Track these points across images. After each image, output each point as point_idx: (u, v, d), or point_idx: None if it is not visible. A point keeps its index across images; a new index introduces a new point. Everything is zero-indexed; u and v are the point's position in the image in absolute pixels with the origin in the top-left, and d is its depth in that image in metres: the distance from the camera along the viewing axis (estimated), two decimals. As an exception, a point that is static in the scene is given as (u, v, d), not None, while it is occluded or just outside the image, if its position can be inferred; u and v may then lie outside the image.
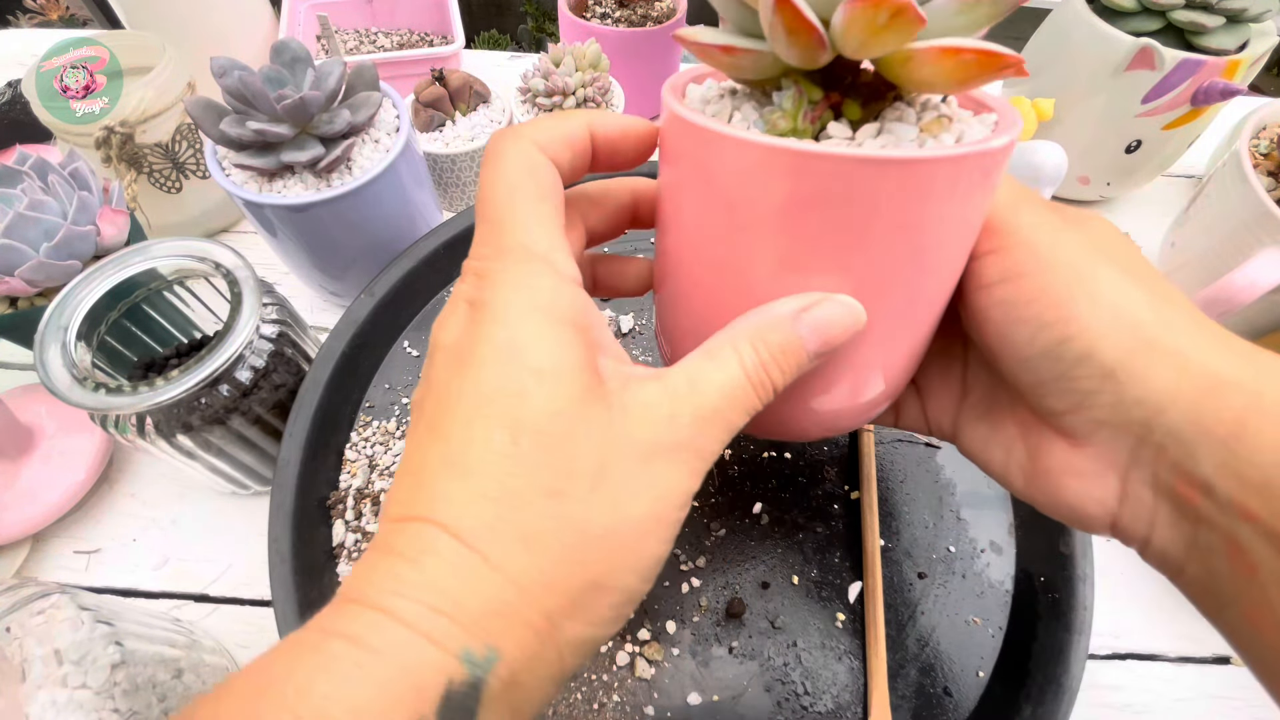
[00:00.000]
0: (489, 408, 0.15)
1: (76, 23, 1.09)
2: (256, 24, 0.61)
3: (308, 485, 0.34)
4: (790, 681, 0.31)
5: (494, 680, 0.14)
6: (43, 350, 0.30)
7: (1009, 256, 0.18)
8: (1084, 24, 0.46)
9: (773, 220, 0.16)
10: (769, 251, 0.17)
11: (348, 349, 0.37)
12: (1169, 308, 0.17)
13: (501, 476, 0.14)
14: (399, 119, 0.42)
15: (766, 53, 0.17)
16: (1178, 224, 0.49)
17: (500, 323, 0.16)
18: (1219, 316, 0.41)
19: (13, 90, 0.58)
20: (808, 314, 0.17)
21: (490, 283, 0.16)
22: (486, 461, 0.15)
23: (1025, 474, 0.20)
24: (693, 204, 0.18)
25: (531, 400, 0.15)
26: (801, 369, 0.17)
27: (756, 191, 0.16)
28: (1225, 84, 0.43)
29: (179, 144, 0.48)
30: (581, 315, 0.17)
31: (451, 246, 0.42)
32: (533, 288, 0.16)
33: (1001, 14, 0.15)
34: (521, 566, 0.14)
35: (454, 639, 0.13)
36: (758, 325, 0.17)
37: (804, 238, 0.16)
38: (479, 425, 0.15)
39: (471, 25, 0.59)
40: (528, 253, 0.16)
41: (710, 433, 0.16)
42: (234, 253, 0.34)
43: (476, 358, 0.15)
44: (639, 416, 0.16)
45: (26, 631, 0.26)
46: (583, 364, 0.16)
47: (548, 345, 0.15)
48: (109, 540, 0.40)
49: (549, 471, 0.15)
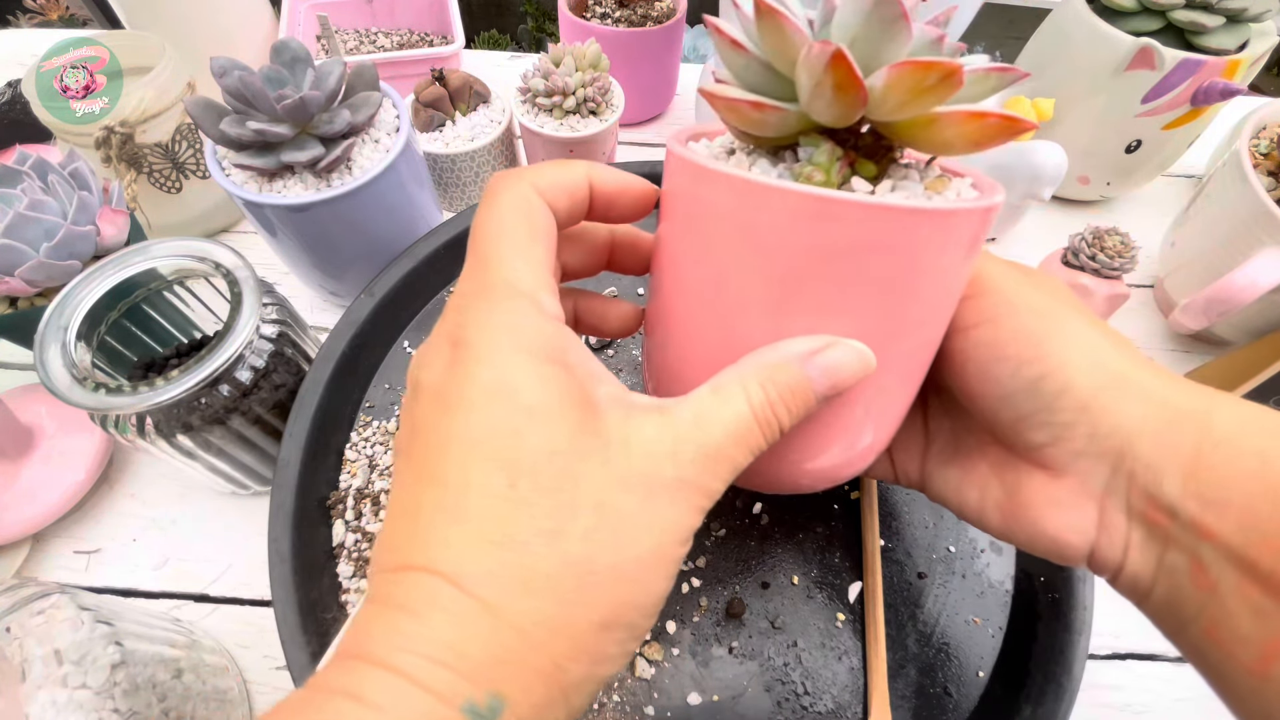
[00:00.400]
0: (483, 449, 0.15)
1: (76, 23, 1.09)
2: (256, 24, 0.61)
3: (308, 485, 0.34)
4: (790, 681, 0.31)
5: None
6: (43, 350, 0.30)
7: (985, 301, 0.19)
8: (1084, 24, 0.46)
9: (800, 268, 0.17)
10: (788, 299, 0.17)
11: (348, 349, 0.37)
12: (1126, 348, 0.19)
13: (500, 520, 0.14)
14: (399, 119, 0.42)
15: (793, 111, 0.17)
16: (1178, 224, 0.49)
17: (485, 363, 0.15)
18: (1219, 316, 0.41)
19: (13, 90, 0.58)
20: (819, 357, 0.17)
21: (473, 321, 0.16)
22: (484, 505, 0.14)
23: (1003, 510, 0.21)
24: (709, 252, 0.18)
25: (526, 440, 0.15)
26: (808, 411, 0.17)
27: (791, 239, 0.16)
28: (1225, 84, 0.43)
29: (179, 144, 0.48)
30: (567, 353, 0.16)
31: (451, 246, 0.42)
32: (517, 326, 0.16)
33: (1004, 86, 0.17)
34: (524, 611, 0.14)
35: (456, 691, 0.13)
36: (767, 364, 0.17)
37: (828, 285, 0.17)
38: (475, 468, 0.15)
39: (471, 25, 0.59)
40: (512, 290, 0.16)
41: (715, 471, 0.16)
42: (234, 253, 0.34)
43: (465, 399, 0.15)
44: (640, 451, 0.16)
45: (26, 631, 0.26)
46: (574, 400, 0.16)
47: (536, 384, 0.15)
48: (109, 540, 0.40)
49: (548, 512, 0.14)
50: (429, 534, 0.15)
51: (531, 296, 0.16)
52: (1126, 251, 0.42)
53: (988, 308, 0.19)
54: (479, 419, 0.15)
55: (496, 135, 0.51)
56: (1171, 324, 0.46)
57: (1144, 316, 0.51)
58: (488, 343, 0.16)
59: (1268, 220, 0.40)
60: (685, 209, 0.19)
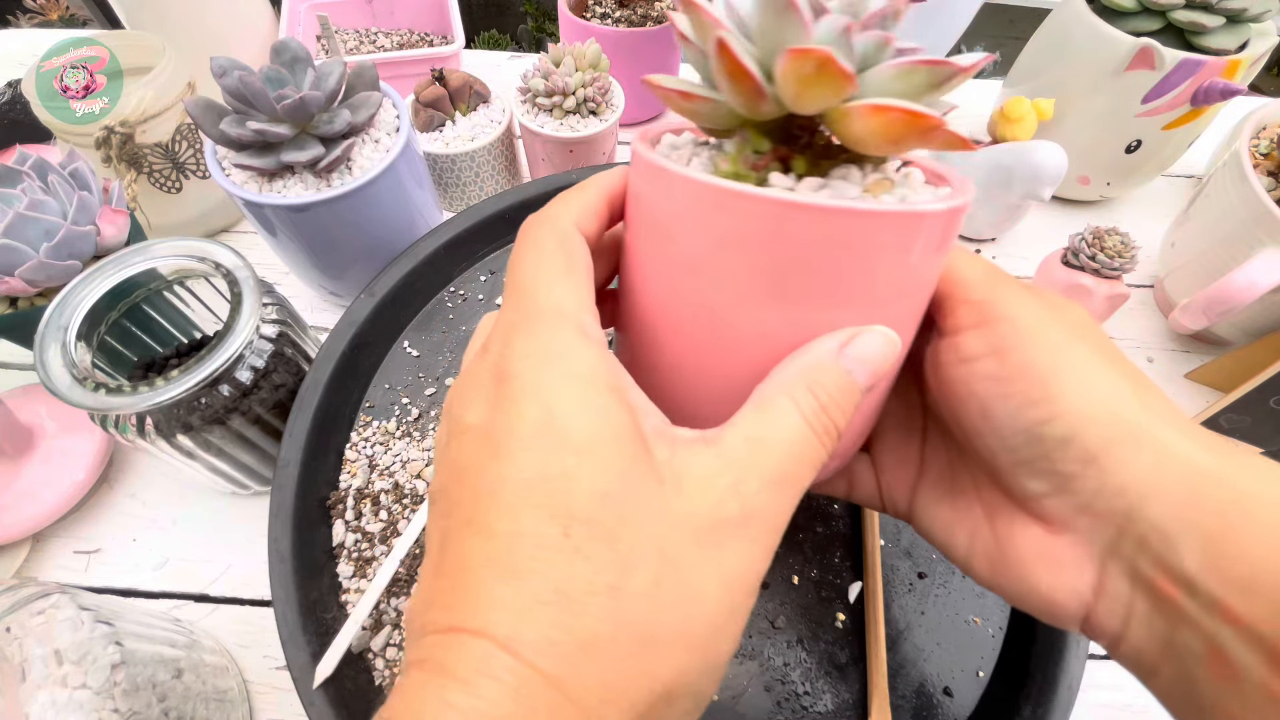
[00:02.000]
0: (533, 497, 0.14)
1: (76, 23, 1.09)
2: (256, 24, 0.61)
3: (308, 485, 0.34)
4: (790, 681, 0.31)
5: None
6: (43, 350, 0.30)
7: (993, 331, 0.18)
8: (1084, 24, 0.46)
9: (704, 257, 0.16)
10: (705, 289, 0.16)
11: (348, 349, 0.37)
12: (1147, 395, 0.17)
13: (555, 576, 0.13)
14: (399, 119, 0.42)
15: (722, 102, 0.17)
16: (1178, 224, 0.49)
17: (533, 397, 0.14)
18: (1219, 316, 0.41)
19: (13, 90, 0.58)
20: (850, 348, 0.16)
21: (519, 352, 0.15)
22: (537, 559, 0.13)
23: (992, 561, 0.19)
24: (639, 240, 0.18)
25: (578, 484, 0.14)
26: (856, 408, 0.17)
27: (693, 227, 0.16)
28: (1225, 84, 0.43)
29: (179, 144, 0.48)
30: (617, 377, 0.15)
31: (451, 246, 0.42)
32: (565, 354, 0.15)
33: (938, 83, 0.16)
34: (583, 681, 0.13)
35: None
36: (807, 369, 0.16)
37: (734, 277, 0.16)
38: (526, 516, 0.14)
39: (471, 25, 0.59)
40: (557, 315, 0.15)
41: (782, 500, 0.15)
42: (234, 253, 0.34)
43: (515, 439, 0.14)
44: (697, 490, 0.14)
45: (26, 631, 0.26)
46: (627, 433, 0.14)
47: (589, 417, 0.14)
48: (109, 540, 0.40)
49: (605, 565, 0.13)
50: (478, 592, 0.13)
51: (576, 320, 0.16)
52: (1126, 251, 0.42)
53: (995, 337, 0.18)
54: (528, 460, 0.14)
55: (496, 135, 0.51)
56: (1171, 324, 0.46)
57: (1144, 316, 0.51)
58: (534, 374, 0.15)
59: (1268, 220, 0.40)
60: (630, 198, 0.19)
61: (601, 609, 0.13)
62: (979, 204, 0.51)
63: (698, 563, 0.14)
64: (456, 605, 0.13)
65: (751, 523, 0.14)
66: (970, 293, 0.18)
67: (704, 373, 0.18)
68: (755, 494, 0.14)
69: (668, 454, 0.15)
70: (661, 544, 0.14)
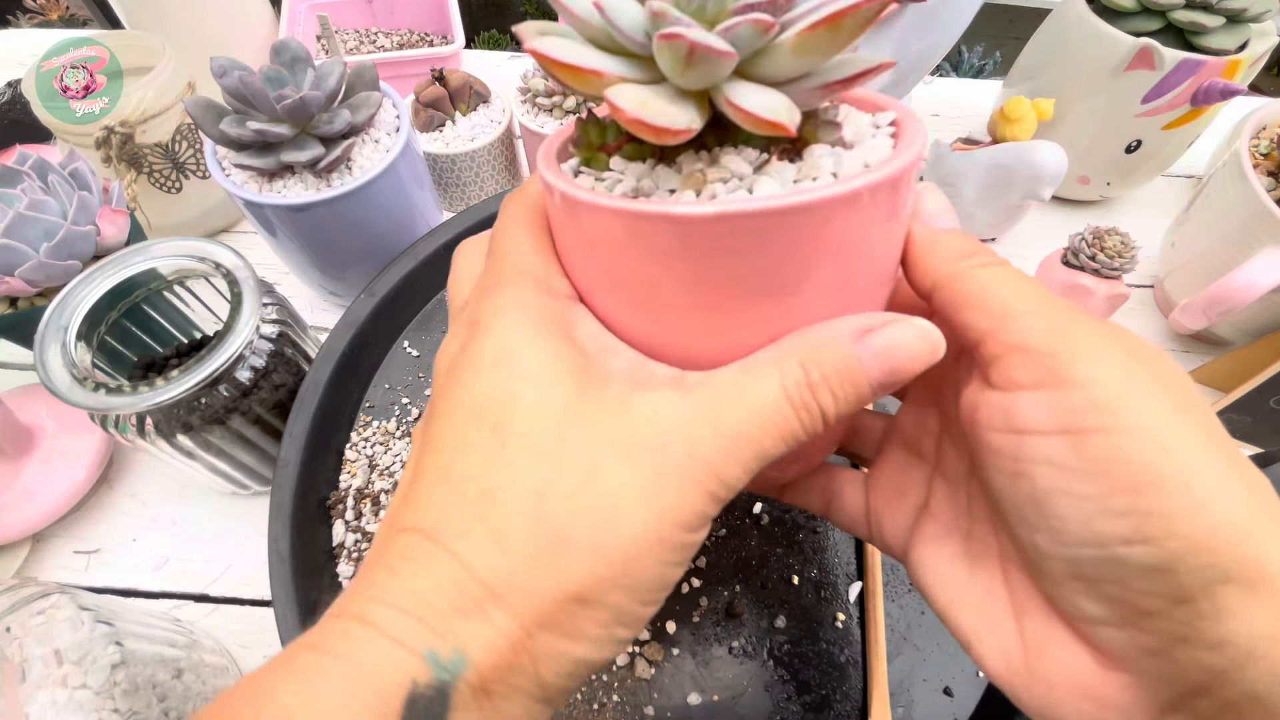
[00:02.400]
0: (479, 415, 0.15)
1: (76, 23, 1.09)
2: (256, 24, 0.61)
3: (308, 485, 0.34)
4: (790, 681, 0.31)
5: (463, 686, 0.13)
6: (43, 350, 0.30)
7: (1064, 400, 0.13)
8: (1084, 24, 0.46)
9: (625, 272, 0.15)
10: (637, 302, 0.16)
11: (348, 349, 0.37)
12: (1268, 510, 0.13)
13: (485, 480, 0.14)
14: (399, 119, 0.42)
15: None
16: (1178, 224, 0.49)
17: (493, 335, 0.15)
18: (1219, 316, 0.41)
19: (13, 90, 0.58)
20: (874, 336, 0.15)
21: (487, 306, 0.16)
22: (473, 467, 0.14)
23: (1010, 665, 0.16)
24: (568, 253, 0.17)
25: (521, 404, 0.14)
26: (861, 401, 0.15)
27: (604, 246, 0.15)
28: (1225, 84, 0.43)
29: (179, 144, 0.48)
30: (574, 325, 0.16)
31: (451, 246, 0.41)
32: (527, 305, 0.16)
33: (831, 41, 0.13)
34: (491, 565, 0.13)
35: (419, 639, 0.13)
36: (807, 344, 0.15)
37: (665, 291, 0.15)
38: (470, 433, 0.15)
39: (471, 25, 0.59)
40: (523, 274, 0.16)
41: (736, 456, 0.14)
42: (234, 253, 0.34)
43: (470, 369, 0.15)
44: (644, 419, 0.14)
45: (26, 631, 0.26)
46: (579, 370, 0.15)
47: (539, 353, 0.15)
48: (109, 540, 0.40)
49: (533, 472, 0.14)
50: (420, 496, 0.15)
51: (542, 279, 0.16)
52: (1126, 251, 0.42)
53: (1067, 412, 0.13)
54: (480, 385, 0.15)
55: (496, 135, 0.51)
56: (1171, 324, 0.46)
57: (1144, 316, 0.51)
58: (497, 320, 0.16)
59: (1268, 220, 0.40)
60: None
61: (520, 507, 0.14)
62: (979, 204, 0.51)
63: (625, 481, 0.14)
64: (402, 512, 0.15)
65: (694, 466, 0.14)
66: (1026, 334, 0.14)
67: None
68: (705, 442, 0.14)
69: (628, 388, 0.15)
70: (592, 458, 0.14)
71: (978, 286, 0.15)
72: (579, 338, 0.16)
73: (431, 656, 0.13)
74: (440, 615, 0.13)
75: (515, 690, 0.14)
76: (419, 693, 0.13)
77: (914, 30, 0.40)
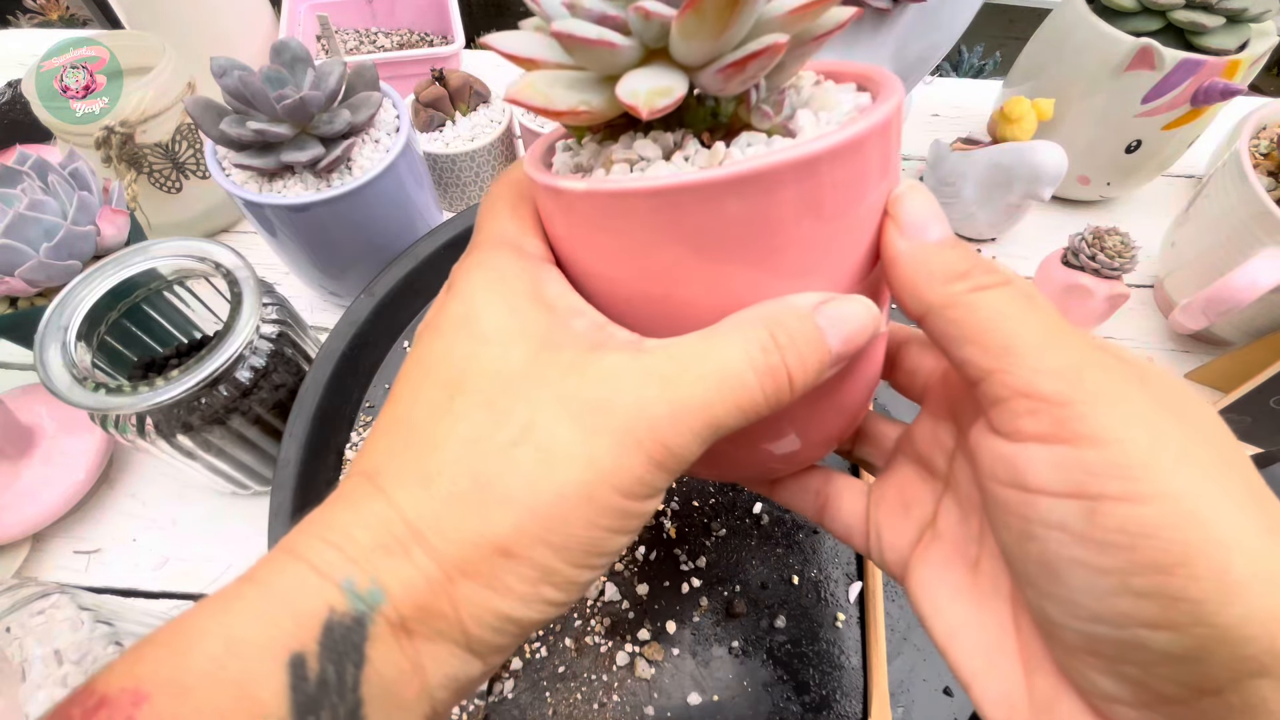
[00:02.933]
0: (436, 372, 0.15)
1: (76, 23, 1.09)
2: (256, 24, 0.61)
3: (308, 485, 0.34)
4: (790, 681, 0.31)
5: (381, 620, 0.13)
6: (43, 350, 0.30)
7: (1081, 461, 0.12)
8: (1084, 24, 0.46)
9: (614, 254, 0.16)
10: (627, 279, 0.16)
11: (348, 349, 0.37)
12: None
13: (429, 430, 0.14)
14: (399, 119, 0.42)
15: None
16: (1178, 224, 0.49)
17: (460, 297, 0.16)
18: (1219, 316, 0.41)
19: (13, 90, 0.58)
20: (828, 306, 0.14)
21: (461, 270, 0.17)
22: (421, 418, 0.15)
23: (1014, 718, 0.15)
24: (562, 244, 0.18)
25: (476, 363, 0.15)
26: (822, 372, 0.15)
27: (591, 230, 0.16)
28: (1225, 84, 0.43)
29: (179, 144, 0.48)
30: (542, 286, 0.16)
31: (451, 246, 0.41)
32: (494, 266, 0.16)
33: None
34: (418, 506, 0.14)
35: (338, 569, 0.13)
36: (770, 311, 0.14)
37: (658, 268, 0.15)
38: (425, 389, 0.15)
39: (471, 25, 0.59)
40: (500, 239, 0.17)
41: (687, 423, 0.13)
42: (234, 253, 0.34)
43: (435, 331, 0.16)
44: (596, 378, 0.14)
45: (26, 631, 0.26)
46: (537, 330, 0.15)
47: (501, 314, 0.15)
48: (109, 540, 0.40)
49: (474, 423, 0.14)
50: (371, 445, 0.15)
51: (515, 243, 0.17)
52: (1126, 251, 0.42)
53: (1084, 475, 0.12)
54: (441, 345, 0.15)
55: (496, 135, 0.51)
56: (1171, 324, 0.46)
57: (1144, 316, 0.51)
58: (466, 282, 0.16)
59: (1268, 220, 0.40)
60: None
61: (454, 454, 0.14)
62: (979, 204, 0.51)
63: (563, 438, 0.13)
64: (357, 460, 0.15)
65: (636, 429, 0.13)
66: (1034, 379, 0.13)
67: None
68: (652, 404, 0.13)
69: (584, 348, 0.15)
70: (534, 413, 0.14)
71: (976, 317, 0.14)
72: (547, 297, 0.16)
73: (348, 585, 0.13)
74: (362, 549, 0.13)
75: (438, 635, 0.13)
76: (335, 620, 0.13)
77: (914, 30, 0.40)
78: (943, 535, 0.17)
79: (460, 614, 0.13)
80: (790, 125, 0.15)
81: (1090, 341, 0.13)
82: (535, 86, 0.14)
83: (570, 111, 0.14)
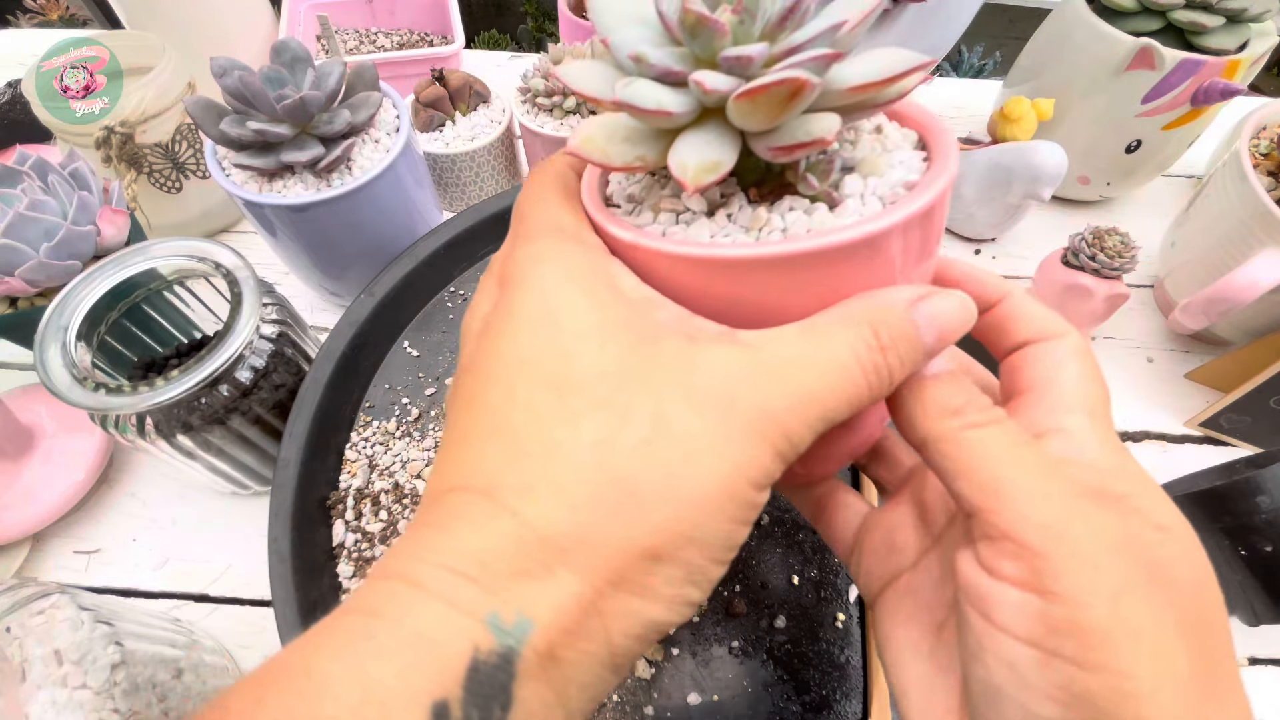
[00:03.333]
0: (529, 371, 0.14)
1: (76, 23, 1.09)
2: (256, 24, 0.61)
3: (308, 485, 0.34)
4: (790, 681, 0.31)
5: (529, 652, 0.12)
6: (43, 350, 0.30)
7: (1045, 611, 0.12)
8: (1084, 24, 0.46)
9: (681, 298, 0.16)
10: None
11: (348, 349, 0.37)
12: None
13: (544, 434, 0.13)
14: (399, 119, 0.42)
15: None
16: (1178, 224, 0.49)
17: (531, 291, 0.15)
18: (1219, 316, 0.41)
19: (13, 90, 0.58)
20: (925, 303, 0.14)
21: (519, 261, 0.15)
22: (529, 421, 0.13)
23: None
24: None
25: (577, 361, 0.14)
26: (917, 366, 0.15)
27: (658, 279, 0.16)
28: (1225, 84, 0.43)
29: (179, 144, 0.48)
30: (616, 278, 0.15)
31: (451, 246, 0.41)
32: (562, 256, 0.15)
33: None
34: (555, 521, 0.12)
35: (480, 603, 0.12)
36: (872, 307, 0.14)
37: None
38: (522, 389, 0.14)
39: (471, 25, 0.59)
40: (557, 229, 0.16)
41: (803, 415, 0.13)
42: (234, 253, 0.34)
43: (513, 325, 0.14)
44: (706, 370, 0.13)
45: (26, 631, 0.26)
46: (627, 322, 0.14)
47: (582, 309, 0.14)
48: (109, 540, 0.40)
49: (596, 424, 0.13)
50: (469, 454, 0.14)
51: (574, 233, 0.16)
52: (1126, 251, 0.42)
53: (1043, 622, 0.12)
54: (525, 341, 0.14)
55: (496, 135, 0.51)
56: (1171, 324, 0.46)
57: (1144, 316, 0.51)
58: (535, 275, 0.15)
59: (1268, 220, 0.40)
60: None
61: (585, 459, 0.13)
62: (979, 204, 0.51)
63: (694, 429, 0.13)
64: (450, 471, 0.14)
65: (763, 420, 0.13)
66: (1019, 526, 0.13)
67: None
68: (776, 398, 0.13)
69: (684, 341, 0.14)
70: (660, 406, 0.13)
71: (967, 454, 0.14)
72: (623, 289, 0.15)
73: (494, 620, 0.12)
74: (499, 577, 0.12)
75: (586, 656, 0.13)
76: (481, 660, 0.11)
77: (914, 30, 0.40)
78: (915, 591, 0.18)
79: (609, 628, 0.13)
80: (834, 194, 0.16)
81: (1079, 487, 0.14)
82: (594, 142, 0.15)
83: (626, 167, 0.15)
